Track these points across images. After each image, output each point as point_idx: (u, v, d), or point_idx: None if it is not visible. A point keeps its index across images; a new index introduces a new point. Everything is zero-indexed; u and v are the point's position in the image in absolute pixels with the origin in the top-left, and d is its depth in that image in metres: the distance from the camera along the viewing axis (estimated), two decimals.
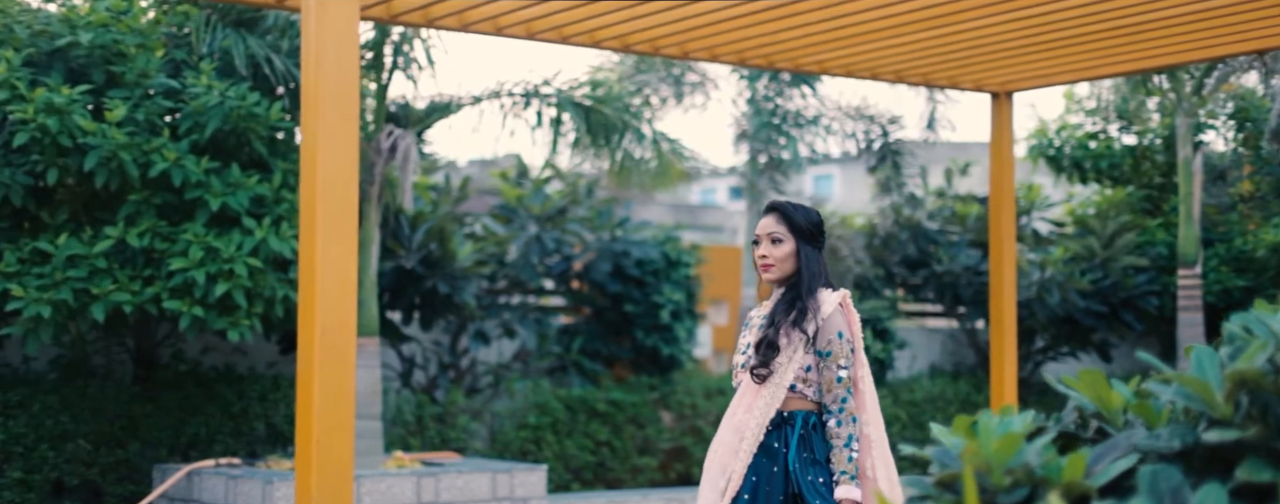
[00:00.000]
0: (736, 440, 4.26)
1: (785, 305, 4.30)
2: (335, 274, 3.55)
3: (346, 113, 3.55)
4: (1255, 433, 2.31)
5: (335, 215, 3.53)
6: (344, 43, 3.54)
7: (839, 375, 4.25)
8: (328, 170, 3.48)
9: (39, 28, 8.42)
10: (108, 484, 9.05)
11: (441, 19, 6.92)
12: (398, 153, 8.63)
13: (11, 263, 8.04)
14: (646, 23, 7.19)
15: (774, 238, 4.34)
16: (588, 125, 9.44)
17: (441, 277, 10.16)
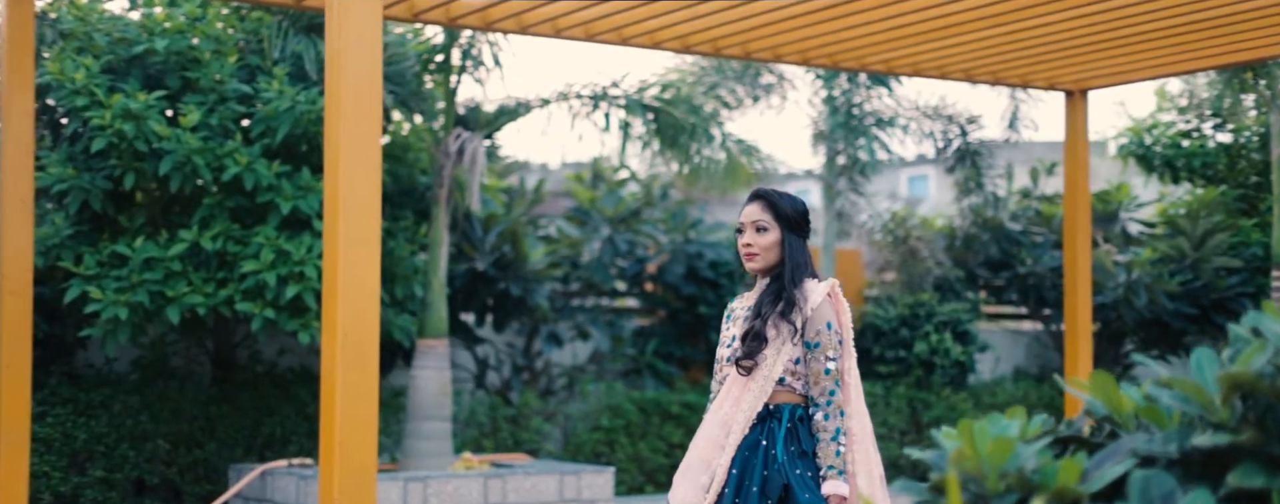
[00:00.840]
0: (722, 435, 4.13)
1: (771, 296, 4.19)
2: (357, 277, 3.57)
3: (368, 114, 3.57)
4: (1249, 437, 2.23)
5: (357, 217, 3.55)
6: (365, 43, 3.56)
7: (826, 367, 4.13)
8: (350, 172, 3.50)
9: (118, 35, 8.61)
10: (186, 483, 9.22)
11: (499, 21, 6.95)
12: (465, 155, 8.69)
13: (91, 266, 8.23)
14: (706, 23, 7.16)
15: (759, 226, 4.24)
16: (657, 128, 9.43)
17: (514, 279, 10.21)
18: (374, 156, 3.59)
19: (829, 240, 12.39)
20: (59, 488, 8.82)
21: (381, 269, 8.87)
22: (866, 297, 13.07)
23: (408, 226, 9.31)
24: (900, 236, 12.66)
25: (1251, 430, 2.22)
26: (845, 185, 12.32)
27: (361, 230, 3.56)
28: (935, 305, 12.17)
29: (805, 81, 12.25)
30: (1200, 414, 2.33)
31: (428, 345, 8.85)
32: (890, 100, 12.11)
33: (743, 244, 4.25)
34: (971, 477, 2.44)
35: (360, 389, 3.59)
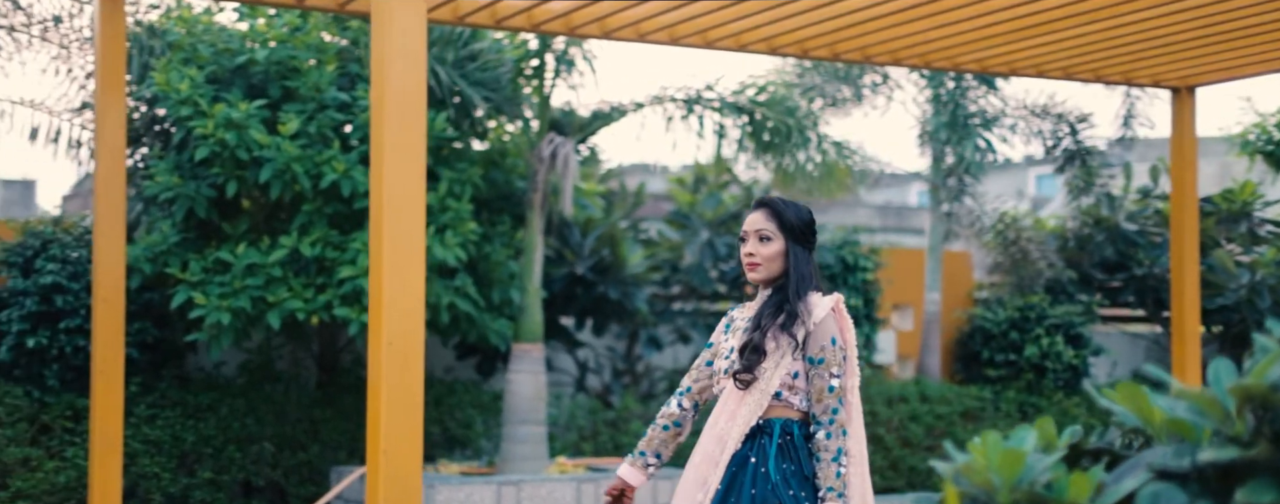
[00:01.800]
0: (718, 450, 3.99)
1: (772, 308, 4.03)
2: (401, 284, 3.59)
3: (412, 119, 3.59)
4: (1262, 451, 2.14)
5: (401, 224, 3.57)
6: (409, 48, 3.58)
7: (830, 384, 3.95)
8: (393, 178, 3.53)
9: (222, 46, 8.81)
10: (291, 485, 9.40)
11: (582, 27, 6.97)
12: (558, 160, 8.73)
13: (197, 272, 8.43)
14: (791, 24, 7.10)
15: (762, 235, 4.07)
16: (753, 130, 9.38)
17: (612, 283, 10.22)
18: (418, 163, 3.61)
19: (935, 242, 12.20)
20: (169, 488, 9.05)
21: (478, 274, 8.97)
22: (976, 299, 12.85)
23: (505, 231, 9.39)
24: (1011, 238, 12.42)
25: (1266, 444, 2.14)
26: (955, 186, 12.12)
27: (405, 239, 3.58)
28: (1047, 308, 11.92)
29: (910, 81, 12.08)
30: (1216, 427, 2.25)
31: (523, 349, 8.91)
32: (996, 99, 11.88)
33: (745, 253, 4.10)
34: (983, 490, 2.38)
35: (405, 397, 3.62)
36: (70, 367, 8.83)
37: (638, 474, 4.25)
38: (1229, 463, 2.19)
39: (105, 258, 6.34)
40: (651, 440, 4.28)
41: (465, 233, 8.63)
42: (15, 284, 8.85)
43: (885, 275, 11.74)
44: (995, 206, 12.63)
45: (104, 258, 6.34)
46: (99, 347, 6.38)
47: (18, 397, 8.75)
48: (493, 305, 9.18)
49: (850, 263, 11.10)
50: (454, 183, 8.78)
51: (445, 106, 8.93)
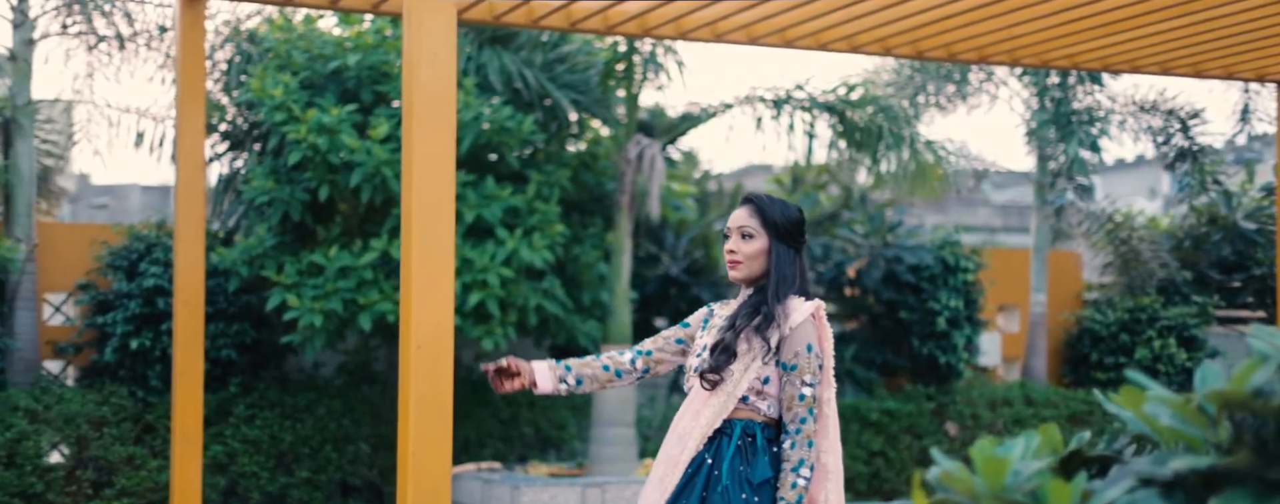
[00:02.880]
0: (679, 451, 3.82)
1: (749, 309, 3.87)
2: (431, 287, 3.60)
3: (441, 122, 3.60)
4: (1239, 460, 2.05)
5: (430, 226, 3.58)
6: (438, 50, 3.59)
7: (802, 392, 3.78)
8: (423, 181, 3.54)
9: (316, 52, 8.97)
10: (386, 485, 9.53)
11: (657, 28, 6.95)
12: (644, 162, 8.73)
13: (292, 275, 8.59)
14: (867, 22, 6.99)
15: (744, 233, 3.91)
16: (844, 130, 9.27)
17: (705, 284, 10.19)
18: (448, 167, 3.62)
19: (1041, 242, 11.94)
20: (267, 487, 9.23)
21: (567, 276, 9.00)
22: (1085, 300, 12.55)
23: (595, 233, 9.41)
24: (1122, 237, 12.10)
25: (1244, 452, 2.04)
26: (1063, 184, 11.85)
27: (434, 240, 3.59)
28: (1159, 309, 11.59)
29: (1016, 78, 11.84)
30: (1199, 435, 2.16)
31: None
32: (1103, 96, 11.58)
33: (726, 250, 3.95)
34: (966, 498, 2.32)
35: (433, 399, 3.63)
36: (171, 367, 9.04)
37: (548, 377, 4.02)
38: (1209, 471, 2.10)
39: (185, 261, 6.49)
40: (584, 365, 4.07)
41: (553, 235, 8.67)
42: (120, 287, 9.11)
43: (988, 276, 11.51)
44: (1105, 205, 12.32)
45: (184, 261, 6.49)
46: (180, 348, 6.53)
47: (122, 397, 8.99)
48: (582, 307, 9.21)
49: (950, 263, 10.92)
50: (542, 185, 8.82)
51: (533, 109, 8.97)
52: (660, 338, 4.14)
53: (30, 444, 8.65)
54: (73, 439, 8.86)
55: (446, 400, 3.65)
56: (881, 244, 10.73)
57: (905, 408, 10.78)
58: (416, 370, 3.60)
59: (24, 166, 9.30)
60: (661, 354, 4.12)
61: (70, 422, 8.81)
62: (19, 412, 8.70)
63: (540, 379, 4.00)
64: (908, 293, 10.88)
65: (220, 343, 9.12)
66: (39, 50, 9.73)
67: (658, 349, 4.12)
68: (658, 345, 4.11)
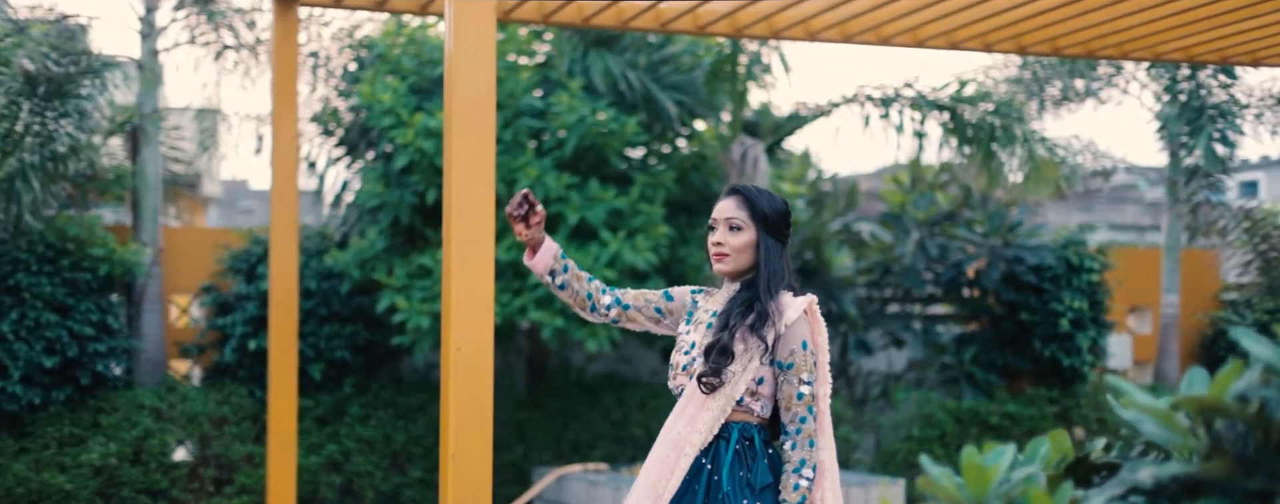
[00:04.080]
0: (675, 456, 3.67)
1: (742, 306, 3.72)
2: (471, 290, 3.60)
3: (481, 124, 3.60)
4: (1211, 467, 1.95)
5: (470, 229, 3.58)
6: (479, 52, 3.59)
7: (800, 391, 3.66)
8: (462, 183, 3.54)
9: (425, 57, 9.09)
10: (497, 485, 9.60)
11: (748, 27, 6.88)
12: (747, 162, 8.66)
13: (401, 277, 8.72)
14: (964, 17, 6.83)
15: (732, 225, 3.77)
16: (955, 128, 9.08)
17: (817, 285, 10.07)
18: (487, 169, 3.62)
19: (1173, 241, 11.55)
20: (381, 486, 9.39)
21: (672, 276, 8.97)
22: (1222, 301, 12.11)
23: (702, 235, 9.37)
24: (1262, 236, 11.65)
25: (1223, 460, 1.94)
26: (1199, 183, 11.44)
27: (474, 244, 3.60)
28: None
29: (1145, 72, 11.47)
30: (1181, 442, 2.06)
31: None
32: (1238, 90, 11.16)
33: (712, 243, 3.79)
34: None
35: (473, 401, 3.63)
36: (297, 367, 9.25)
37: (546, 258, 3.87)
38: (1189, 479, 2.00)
39: (280, 264, 6.62)
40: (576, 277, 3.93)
41: (657, 237, 8.65)
42: (239, 289, 9.35)
43: (1116, 276, 11.17)
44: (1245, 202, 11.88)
45: (279, 264, 6.63)
46: (274, 349, 6.67)
47: (242, 396, 9.23)
48: None
49: (1075, 263, 10.62)
50: (647, 187, 8.81)
51: (637, 111, 8.97)
52: (641, 296, 3.99)
53: (155, 442, 8.92)
54: (196, 437, 9.12)
55: (486, 403, 3.65)
56: (1002, 244, 10.49)
57: (1027, 411, 10.52)
58: (456, 373, 3.61)
59: (150, 173, 9.60)
60: (635, 314, 3.99)
61: (193, 420, 9.07)
62: (145, 410, 8.98)
63: (541, 254, 3.87)
64: (1029, 294, 10.61)
65: (335, 344, 9.31)
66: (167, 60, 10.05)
67: (635, 307, 3.98)
68: (637, 304, 3.98)
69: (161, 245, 9.61)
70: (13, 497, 8.59)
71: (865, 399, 10.86)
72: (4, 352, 8.37)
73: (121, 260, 8.89)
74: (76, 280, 8.75)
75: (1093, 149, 11.76)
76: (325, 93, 10.08)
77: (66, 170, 8.58)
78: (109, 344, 8.84)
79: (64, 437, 8.76)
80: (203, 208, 21.32)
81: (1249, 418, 1.93)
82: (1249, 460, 1.93)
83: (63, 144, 8.39)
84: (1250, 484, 1.92)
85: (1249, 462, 1.93)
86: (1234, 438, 1.95)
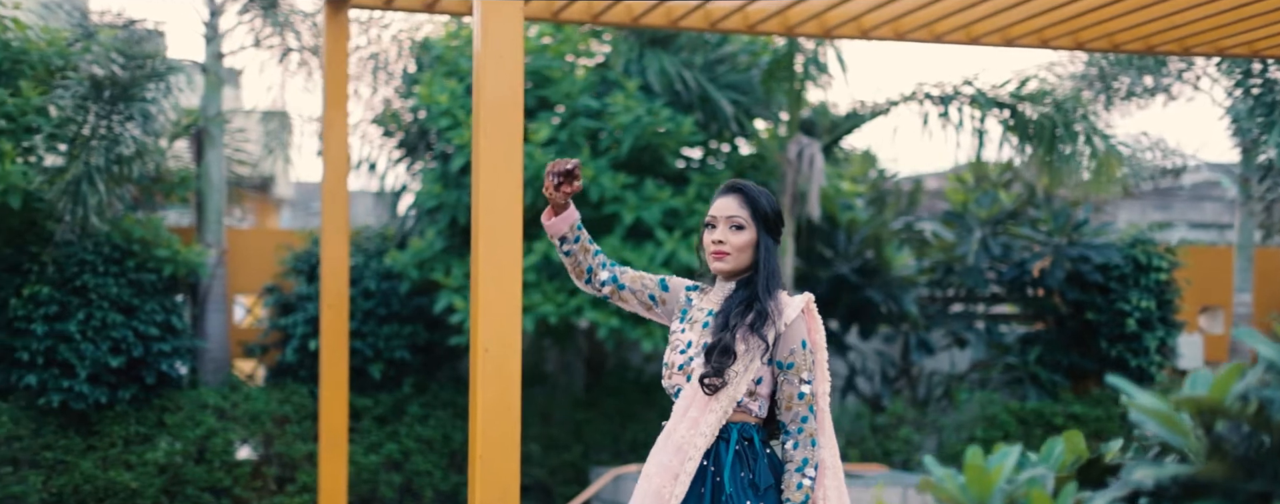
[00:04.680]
0: (678, 462, 3.61)
1: (742, 305, 3.68)
2: (498, 291, 3.60)
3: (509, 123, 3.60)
4: (1212, 470, 1.90)
5: (498, 229, 3.58)
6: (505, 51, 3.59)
7: (801, 391, 3.64)
8: (489, 183, 3.55)
9: None
10: (556, 484, 9.63)
11: (799, 25, 6.84)
12: (803, 161, 8.61)
13: (458, 278, 8.77)
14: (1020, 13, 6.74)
15: (735, 223, 3.72)
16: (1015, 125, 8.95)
17: (877, 285, 9.99)
18: (515, 169, 3.62)
19: (1246, 239, 11.32)
20: (440, 485, 9.44)
21: None
22: None
23: None
24: None
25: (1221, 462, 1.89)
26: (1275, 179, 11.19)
27: (502, 244, 3.59)
28: None
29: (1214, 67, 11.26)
30: (1183, 444, 2.02)
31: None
32: None
33: (712, 241, 3.73)
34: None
35: (501, 405, 3.64)
36: (349, 368, 9.33)
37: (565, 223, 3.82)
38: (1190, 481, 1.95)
39: (330, 265, 6.67)
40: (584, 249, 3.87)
41: None
42: (300, 290, 9.45)
43: (1186, 275, 10.97)
44: None
45: (329, 265, 6.67)
46: (325, 349, 6.72)
47: (303, 396, 9.32)
48: None
49: (1143, 262, 10.44)
50: (703, 186, 8.79)
51: (693, 111, 8.95)
52: (639, 279, 3.92)
53: (219, 440, 9.04)
54: (258, 436, 9.23)
55: (514, 403, 3.66)
56: (1067, 243, 10.34)
57: (1093, 412, 10.36)
58: (484, 373, 3.61)
59: (214, 175, 9.72)
60: (629, 295, 3.91)
61: (255, 420, 9.17)
62: (208, 409, 9.11)
63: (562, 218, 3.81)
64: (1095, 293, 10.45)
65: (394, 344, 9.37)
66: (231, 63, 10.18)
67: (630, 289, 3.91)
68: (633, 286, 3.91)
69: (225, 246, 9.73)
70: (81, 494, 8.74)
71: (927, 400, 10.75)
72: (71, 351, 8.52)
73: (185, 261, 9.01)
74: (142, 281, 8.88)
75: (1162, 146, 11.57)
76: (386, 95, 10.15)
77: (131, 173, 8.70)
78: (173, 344, 8.97)
79: (130, 435, 8.90)
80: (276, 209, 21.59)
81: (1249, 418, 1.88)
82: (1250, 462, 1.88)
83: (128, 147, 8.52)
84: (1251, 486, 1.87)
85: (1250, 463, 1.88)
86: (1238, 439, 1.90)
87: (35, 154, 8.46)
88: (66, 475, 8.69)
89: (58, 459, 8.73)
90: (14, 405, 8.68)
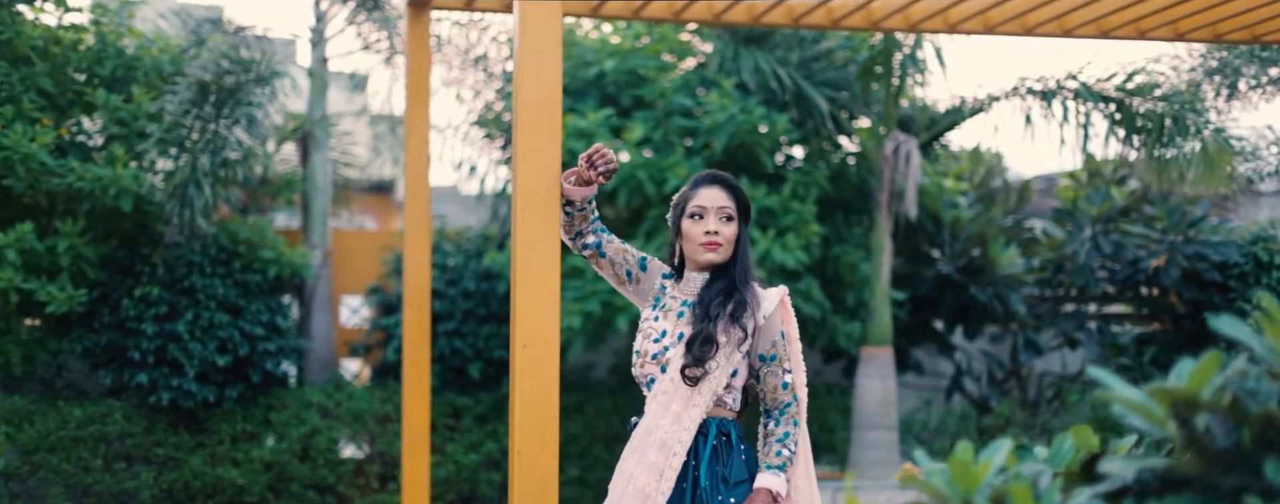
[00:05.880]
0: (663, 458, 3.59)
1: (721, 296, 3.68)
2: (536, 288, 3.59)
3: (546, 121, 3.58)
4: (1184, 464, 1.82)
5: (537, 226, 3.58)
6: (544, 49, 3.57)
7: (784, 381, 3.67)
8: (528, 179, 3.54)
9: (576, 58, 9.16)
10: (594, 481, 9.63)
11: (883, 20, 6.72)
12: (899, 158, 8.47)
13: None
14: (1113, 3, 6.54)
15: (726, 214, 3.77)
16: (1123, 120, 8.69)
17: (982, 284, 9.79)
18: (553, 167, 3.61)
19: None
20: None
21: (826, 276, 8.85)
22: None
23: (860, 233, 9.21)
24: None
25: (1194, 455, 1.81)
26: None
27: (538, 240, 3.59)
28: None
29: None
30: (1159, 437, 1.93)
31: (871, 353, 8.70)
32: None
33: (706, 232, 3.74)
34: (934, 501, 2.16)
35: (539, 398, 3.64)
36: (449, 367, 9.43)
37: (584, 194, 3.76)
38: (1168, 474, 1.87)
39: (413, 265, 6.73)
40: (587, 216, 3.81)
41: (808, 235, 8.53)
42: (401, 290, 9.55)
43: None
44: None
45: (412, 265, 6.73)
46: (407, 349, 6.78)
47: None
48: (845, 307, 9.02)
49: (1264, 260, 10.07)
50: (798, 185, 8.70)
51: (787, 108, 8.86)
52: (622, 251, 3.90)
53: (323, 439, 9.20)
54: (362, 435, 9.36)
55: (552, 399, 3.66)
56: (1182, 240, 10.02)
57: None
58: (521, 369, 3.62)
59: (319, 177, 9.90)
60: (607, 264, 3.90)
61: (358, 418, 9.31)
62: (313, 408, 9.27)
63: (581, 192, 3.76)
64: (1214, 292, 10.12)
65: (493, 343, 9.44)
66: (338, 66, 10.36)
67: (609, 258, 3.89)
68: (613, 257, 3.88)
69: (330, 248, 9.90)
70: (190, 490, 8.96)
71: (1037, 402, 10.50)
72: (180, 351, 8.73)
73: (289, 262, 9.18)
74: (247, 282, 9.07)
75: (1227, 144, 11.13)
76: (488, 97, 10.24)
77: (236, 176, 8.90)
78: (278, 343, 9.15)
79: (237, 433, 9.09)
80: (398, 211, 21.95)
81: (1223, 410, 1.79)
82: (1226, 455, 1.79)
83: (233, 151, 8.72)
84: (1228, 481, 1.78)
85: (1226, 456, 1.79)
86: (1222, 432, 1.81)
87: (146, 158, 8.69)
88: (177, 471, 8.91)
89: (168, 456, 8.95)
90: (127, 403, 8.92)
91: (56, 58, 8.53)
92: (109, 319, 8.71)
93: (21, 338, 8.57)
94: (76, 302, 8.25)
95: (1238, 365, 1.83)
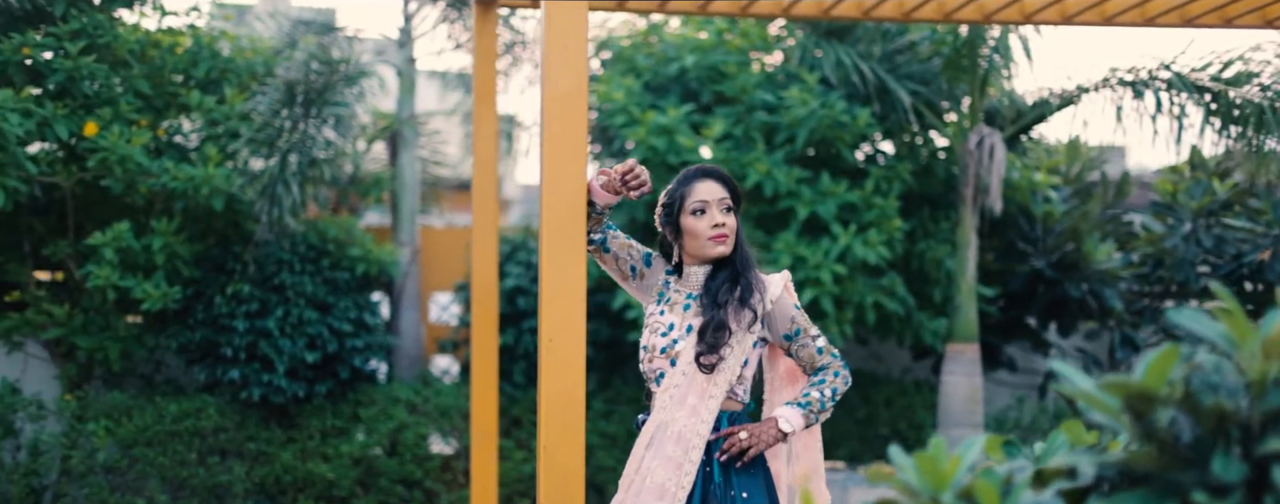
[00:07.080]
0: (682, 452, 3.60)
1: (727, 283, 3.72)
2: (562, 283, 3.59)
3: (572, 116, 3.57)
4: (1137, 458, 1.76)
5: (563, 222, 3.58)
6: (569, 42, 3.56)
7: (819, 346, 3.76)
8: (554, 175, 3.54)
9: (659, 54, 9.15)
10: None
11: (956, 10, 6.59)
12: (983, 151, 8.32)
13: None
14: None
15: (726, 206, 3.82)
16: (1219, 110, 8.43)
17: (1076, 279, 9.57)
18: (579, 162, 3.61)
19: None
20: None
21: (910, 271, 8.72)
22: None
23: (947, 228, 9.07)
24: None
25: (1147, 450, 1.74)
26: None
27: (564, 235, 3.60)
28: None
29: None
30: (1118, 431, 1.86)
31: (956, 350, 8.55)
32: None
33: (713, 225, 3.77)
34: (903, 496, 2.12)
35: (565, 394, 3.63)
36: (534, 363, 9.48)
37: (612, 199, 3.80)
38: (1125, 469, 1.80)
39: (481, 263, 6.75)
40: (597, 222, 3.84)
41: (891, 231, 8.42)
42: None
43: None
44: None
45: (480, 263, 6.76)
46: (475, 345, 6.81)
47: None
48: (931, 304, 8.89)
49: None
50: (881, 180, 8.59)
51: (869, 102, 8.75)
52: (627, 247, 3.93)
53: (411, 434, 9.30)
54: (449, 430, 9.45)
55: (578, 395, 3.66)
56: None
57: None
58: (547, 364, 3.62)
59: (408, 176, 10.02)
60: (611, 260, 3.93)
61: (445, 414, 9.40)
62: (400, 404, 9.37)
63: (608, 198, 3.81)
64: None
65: None
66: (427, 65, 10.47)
67: (614, 254, 3.92)
68: (618, 252, 3.92)
69: (419, 245, 10.00)
70: (281, 484, 9.12)
71: None
72: (270, 347, 8.89)
73: (376, 260, 9.30)
74: (336, 279, 9.20)
75: None
76: None
77: (324, 175, 9.04)
78: (366, 340, 9.27)
79: (326, 428, 9.23)
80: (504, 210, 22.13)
81: (1176, 404, 1.72)
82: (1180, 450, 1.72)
83: (322, 150, 8.86)
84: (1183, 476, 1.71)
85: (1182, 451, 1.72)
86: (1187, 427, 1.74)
87: (238, 158, 8.87)
88: (268, 466, 9.08)
89: (260, 450, 9.12)
90: (220, 399, 9.11)
91: (154, 61, 8.73)
92: (203, 316, 8.90)
93: (120, 334, 8.79)
94: (171, 299, 8.44)
95: (1196, 358, 1.76)
